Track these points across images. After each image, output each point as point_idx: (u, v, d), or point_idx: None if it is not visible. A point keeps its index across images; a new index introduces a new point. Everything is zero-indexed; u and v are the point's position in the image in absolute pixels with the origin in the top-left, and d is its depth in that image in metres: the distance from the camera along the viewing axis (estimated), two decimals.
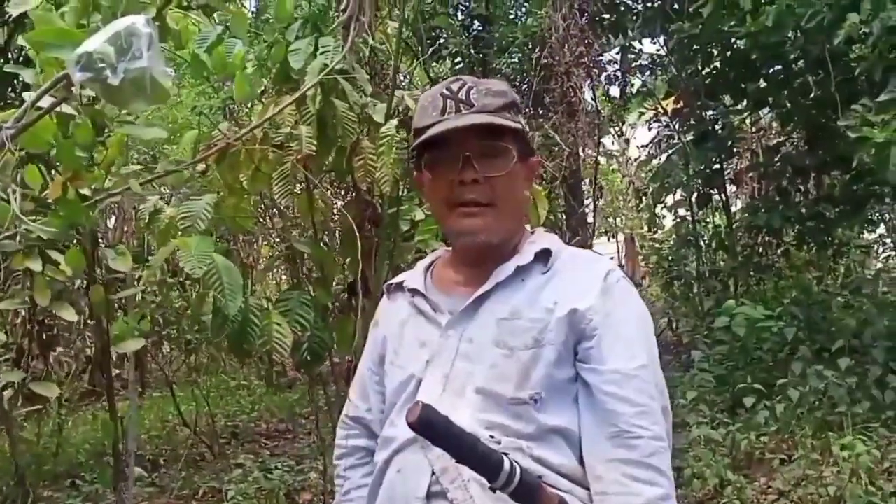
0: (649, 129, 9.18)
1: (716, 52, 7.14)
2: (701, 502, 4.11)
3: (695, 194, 7.68)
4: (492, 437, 1.17)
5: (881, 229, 8.31)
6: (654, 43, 8.01)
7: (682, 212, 8.16)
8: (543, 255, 1.27)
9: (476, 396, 1.20)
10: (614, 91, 8.24)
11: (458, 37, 7.14)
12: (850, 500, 3.65)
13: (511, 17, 7.65)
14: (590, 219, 8.21)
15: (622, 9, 7.52)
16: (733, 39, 6.43)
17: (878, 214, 7.66)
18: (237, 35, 2.57)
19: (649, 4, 7.62)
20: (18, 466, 3.68)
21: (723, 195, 7.74)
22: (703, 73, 7.27)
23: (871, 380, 4.85)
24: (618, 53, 7.85)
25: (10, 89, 5.03)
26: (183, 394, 6.32)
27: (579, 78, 5.80)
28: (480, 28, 7.52)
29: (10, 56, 4.86)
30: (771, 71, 6.62)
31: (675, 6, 6.85)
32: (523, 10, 7.59)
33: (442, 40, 7.29)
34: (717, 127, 7.57)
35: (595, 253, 1.39)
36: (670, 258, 8.19)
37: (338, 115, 2.77)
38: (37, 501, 4.07)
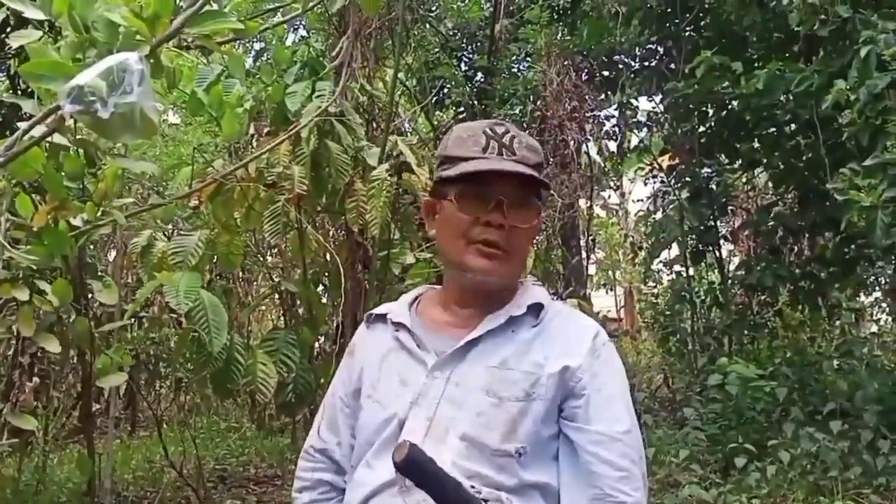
0: (645, 185, 9.26)
1: (711, 112, 7.26)
2: None
3: (689, 250, 7.69)
4: (472, 486, 1.15)
5: (878, 292, 8.29)
6: (651, 101, 8.15)
7: (677, 267, 8.17)
8: (535, 308, 1.27)
9: (459, 443, 1.18)
10: (612, 146, 8.35)
11: (462, 87, 7.26)
12: None
13: (513, 70, 7.79)
14: (587, 271, 8.23)
15: (620, 66, 7.67)
16: (727, 100, 6.55)
17: (873, 277, 7.65)
18: (235, 75, 2.63)
19: (646, 63, 7.77)
20: None
21: (717, 252, 7.75)
22: (699, 131, 7.37)
23: (862, 444, 4.80)
24: (616, 109, 7.97)
25: (16, 120, 5.09)
26: (173, 434, 6.21)
27: (572, 131, 5.91)
28: (483, 80, 7.66)
29: (18, 87, 4.94)
30: (764, 132, 6.71)
31: (671, 66, 6.99)
32: (525, 64, 7.74)
33: (446, 90, 7.41)
34: (711, 185, 7.64)
35: (581, 311, 1.41)
36: (666, 313, 8.16)
37: (331, 156, 2.82)
38: None
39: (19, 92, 4.86)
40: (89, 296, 3.43)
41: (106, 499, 3.62)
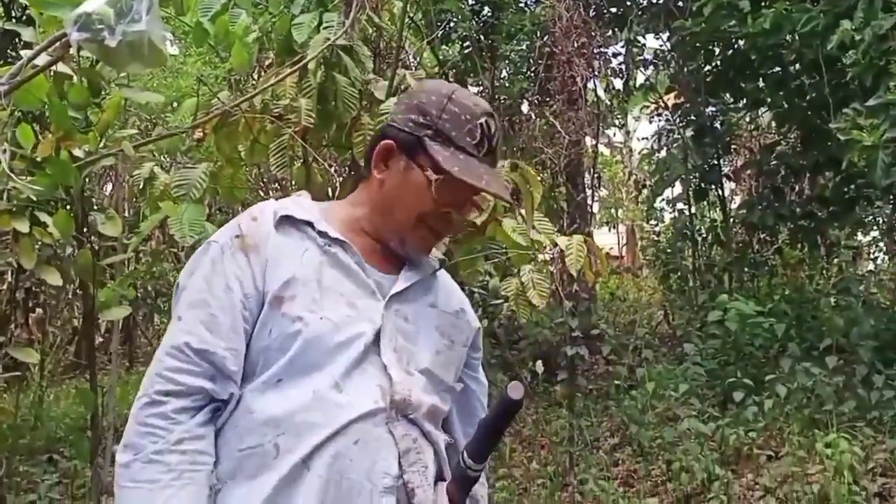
0: (650, 123, 9.15)
1: (717, 51, 7.14)
2: (688, 496, 4.12)
3: (692, 188, 7.68)
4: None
5: (876, 231, 8.31)
6: (658, 38, 7.97)
7: (679, 205, 8.15)
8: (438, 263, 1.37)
9: (420, 377, 1.22)
10: (618, 83, 8.21)
11: (468, 21, 7.06)
12: (834, 498, 3.67)
13: (520, 4, 7.58)
14: (591, 208, 8.21)
15: (628, 3, 7.47)
16: (734, 39, 6.42)
17: (871, 217, 7.67)
18: (241, 5, 2.54)
19: (654, 0, 7.57)
20: None
21: (719, 190, 7.74)
22: (704, 70, 7.28)
23: (857, 379, 4.89)
24: (623, 46, 7.80)
25: (10, 48, 4.99)
26: None
27: (580, 68, 5.77)
28: (490, 14, 7.45)
29: (12, 14, 4.81)
30: (769, 71, 6.63)
31: (679, 3, 6.83)
32: None
33: (452, 24, 7.22)
34: (715, 123, 7.57)
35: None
36: (668, 251, 8.19)
37: (339, 89, 2.75)
38: (11, 476, 3.95)
39: (13, 19, 4.75)
40: (87, 229, 3.39)
41: (108, 434, 3.62)
